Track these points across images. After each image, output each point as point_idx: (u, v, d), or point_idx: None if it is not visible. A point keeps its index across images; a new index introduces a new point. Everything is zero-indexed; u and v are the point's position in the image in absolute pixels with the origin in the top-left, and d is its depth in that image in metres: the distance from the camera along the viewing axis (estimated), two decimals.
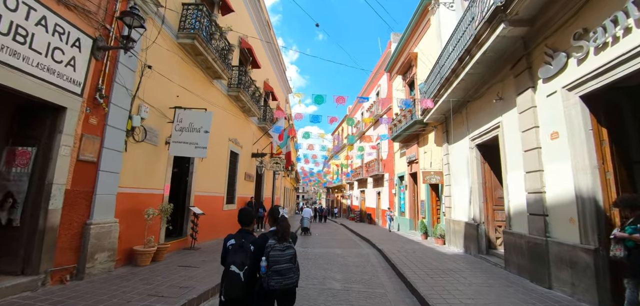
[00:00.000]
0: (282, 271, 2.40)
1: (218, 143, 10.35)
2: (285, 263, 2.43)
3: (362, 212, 24.83)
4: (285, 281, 2.40)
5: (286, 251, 2.48)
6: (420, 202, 13.25)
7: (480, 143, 8.11)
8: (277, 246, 2.48)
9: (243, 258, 2.48)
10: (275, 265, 2.41)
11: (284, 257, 2.45)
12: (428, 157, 12.32)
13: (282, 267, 2.41)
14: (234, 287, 2.41)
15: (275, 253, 2.45)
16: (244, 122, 13.14)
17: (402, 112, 13.99)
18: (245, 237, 2.61)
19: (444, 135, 10.70)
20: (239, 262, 2.45)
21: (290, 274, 2.45)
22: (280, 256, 2.44)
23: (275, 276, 2.38)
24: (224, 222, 10.75)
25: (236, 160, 12.39)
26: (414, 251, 8.98)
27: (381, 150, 20.16)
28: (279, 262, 2.42)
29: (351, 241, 12.58)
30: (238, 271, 2.42)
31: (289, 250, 2.51)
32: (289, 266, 2.46)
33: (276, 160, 14.55)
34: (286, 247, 2.51)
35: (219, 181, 10.53)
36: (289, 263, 2.46)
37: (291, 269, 2.47)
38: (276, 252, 2.45)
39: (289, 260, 2.47)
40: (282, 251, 2.46)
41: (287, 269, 2.44)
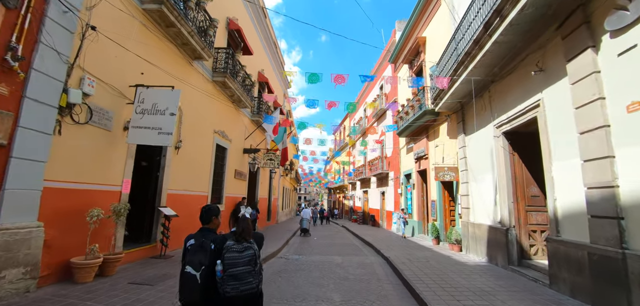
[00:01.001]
0: (239, 276, 2.12)
1: (200, 135, 9.02)
2: (243, 266, 2.14)
3: (365, 213, 23.40)
4: (243, 287, 2.11)
5: (245, 253, 2.18)
6: (430, 202, 11.83)
7: (509, 131, 6.69)
8: (234, 247, 2.18)
9: (201, 258, 2.17)
10: (232, 268, 2.12)
11: (241, 259, 2.15)
12: (440, 151, 10.90)
13: (239, 271, 2.12)
14: (188, 290, 2.10)
15: (231, 255, 2.15)
16: (234, 113, 11.81)
17: (410, 103, 12.59)
18: (206, 236, 2.32)
19: (460, 125, 9.28)
20: (196, 263, 2.14)
21: (249, 278, 2.15)
22: (237, 258, 2.15)
23: (231, 281, 2.10)
24: None
25: (224, 155, 11.06)
26: (427, 260, 7.57)
27: (385, 146, 18.75)
28: (236, 265, 2.13)
29: (353, 246, 11.18)
30: (194, 272, 2.11)
31: (247, 251, 2.20)
32: (247, 269, 2.16)
33: (270, 156, 13.22)
34: (245, 248, 2.20)
35: (201, 178, 9.19)
36: (247, 265, 2.16)
37: (250, 272, 2.16)
38: (232, 253, 2.16)
39: (248, 262, 2.17)
40: (240, 253, 2.17)
41: (245, 273, 2.14)
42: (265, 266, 7.13)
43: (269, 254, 8.11)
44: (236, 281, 2.10)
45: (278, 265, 7.30)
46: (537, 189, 6.57)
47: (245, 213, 2.41)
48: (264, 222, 17.25)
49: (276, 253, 8.74)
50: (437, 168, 9.64)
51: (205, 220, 2.46)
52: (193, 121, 8.54)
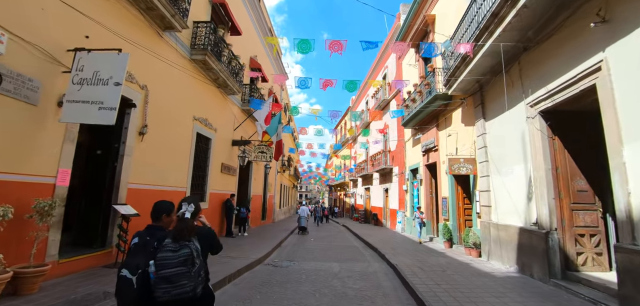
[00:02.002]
0: (171, 278, 1.75)
1: (175, 120, 7.73)
2: (176, 267, 1.77)
3: (367, 211, 22.09)
4: (176, 290, 1.75)
5: (180, 252, 1.79)
6: (441, 199, 10.50)
7: (548, 109, 5.36)
8: (169, 246, 1.80)
9: (140, 261, 1.80)
10: (163, 269, 1.76)
11: (175, 259, 1.77)
12: (452, 141, 9.56)
13: (171, 272, 1.75)
14: (122, 298, 1.76)
15: (164, 254, 1.77)
16: (220, 100, 10.51)
17: (417, 88, 11.23)
18: (153, 234, 1.95)
19: (478, 109, 7.94)
20: (133, 265, 1.77)
21: (183, 281, 1.77)
22: (170, 258, 1.77)
23: (162, 283, 1.74)
24: None
25: (208, 146, 9.77)
26: (443, 269, 6.26)
27: (389, 139, 17.41)
28: (168, 266, 1.76)
29: (353, 249, 9.87)
30: (130, 276, 1.75)
31: (183, 250, 1.80)
32: (181, 270, 1.78)
33: (261, 149, 11.92)
34: (181, 246, 1.81)
35: (177, 171, 7.91)
36: (181, 266, 1.78)
37: (185, 274, 1.78)
38: (166, 253, 1.78)
39: (183, 262, 1.79)
40: (174, 252, 1.79)
41: (178, 274, 1.77)
42: (246, 277, 5.84)
43: (253, 261, 6.83)
44: (168, 284, 1.76)
45: (262, 275, 6.01)
46: (585, 182, 5.24)
47: (186, 213, 1.98)
48: (257, 221, 15.99)
49: (263, 259, 7.46)
50: (452, 160, 8.30)
51: (153, 217, 2.13)
52: (165, 103, 7.25)
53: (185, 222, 1.93)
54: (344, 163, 29.26)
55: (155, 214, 2.12)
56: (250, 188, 14.51)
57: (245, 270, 6.22)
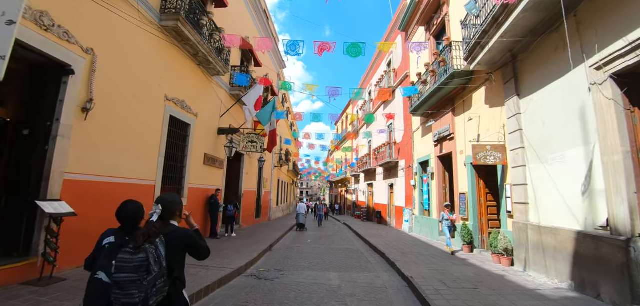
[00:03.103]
0: (122, 284, 1.56)
1: (139, 98, 6.31)
2: (128, 273, 1.57)
3: (369, 209, 20.68)
4: (125, 299, 1.55)
5: (136, 256, 1.60)
6: (457, 196, 9.05)
7: (626, 70, 3.90)
8: (129, 248, 1.62)
9: None
10: (118, 272, 1.58)
11: (131, 263, 1.58)
12: (473, 127, 8.11)
13: (123, 277, 1.56)
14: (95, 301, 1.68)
15: (122, 255, 1.61)
16: (202, 81, 9.08)
17: (429, 68, 9.76)
18: (132, 235, 1.79)
19: (510, 84, 6.49)
20: (110, 268, 1.66)
21: (132, 290, 1.56)
22: (127, 261, 1.59)
23: (114, 288, 1.58)
24: None
25: (186, 133, 8.36)
26: (474, 285, 4.83)
27: (394, 130, 15.95)
28: (122, 269, 1.58)
29: (356, 254, 8.45)
30: (106, 279, 1.70)
31: (139, 255, 1.61)
32: (132, 277, 1.56)
33: (251, 138, 10.49)
34: (140, 251, 1.61)
35: (142, 160, 6.51)
36: (133, 273, 1.57)
37: (135, 282, 1.57)
38: (124, 255, 1.61)
39: (135, 269, 1.58)
40: (132, 255, 1.60)
41: (129, 282, 1.56)
42: (216, 297, 4.44)
43: (231, 271, 5.43)
44: (118, 289, 1.56)
45: (237, 294, 4.61)
46: None
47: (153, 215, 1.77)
48: (250, 220, 14.62)
49: (246, 268, 6.06)
50: (476, 148, 6.84)
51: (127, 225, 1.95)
52: (123, 76, 5.84)
53: (147, 226, 1.73)
54: (345, 156, 27.80)
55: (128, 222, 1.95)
56: (241, 183, 13.11)
57: (217, 285, 4.82)
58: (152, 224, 1.73)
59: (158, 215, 1.79)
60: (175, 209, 1.90)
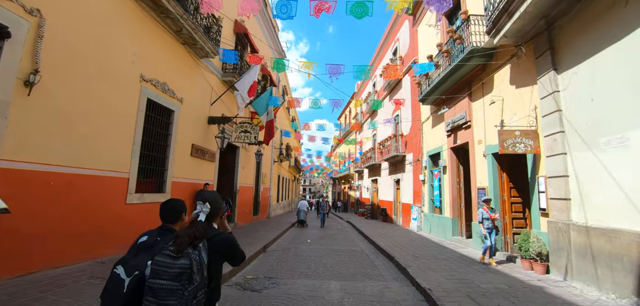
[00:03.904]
0: (158, 292, 1.35)
1: (106, 76, 5.37)
2: (167, 280, 1.35)
3: (374, 206, 19.71)
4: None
5: (177, 262, 1.38)
6: (474, 191, 8.04)
7: None
8: (169, 250, 1.41)
9: (140, 262, 1.48)
10: (155, 277, 1.37)
11: (170, 269, 1.36)
12: (495, 111, 7.08)
13: (160, 284, 1.35)
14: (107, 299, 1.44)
15: (162, 258, 1.40)
16: (189, 64, 8.13)
17: (442, 49, 8.71)
18: (164, 236, 1.66)
19: (545, 57, 5.45)
20: (131, 265, 1.47)
21: (171, 300, 1.34)
22: (166, 265, 1.37)
23: (149, 295, 1.37)
24: (132, 226, 5.84)
25: (169, 120, 7.43)
26: (511, 303, 3.84)
27: (401, 121, 14.91)
28: (160, 275, 1.36)
29: (360, 256, 7.49)
30: (124, 276, 1.44)
31: (181, 261, 1.38)
32: (171, 286, 1.35)
33: (244, 128, 9.52)
34: (180, 255, 1.39)
35: (110, 149, 5.58)
36: (173, 281, 1.36)
37: (175, 292, 1.35)
38: (164, 258, 1.39)
39: (175, 277, 1.36)
40: (173, 260, 1.38)
41: (167, 290, 1.35)
42: None
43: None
44: (154, 297, 1.35)
45: None
46: None
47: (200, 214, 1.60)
48: (247, 217, 13.72)
49: (230, 276, 5.13)
50: (503, 134, 5.82)
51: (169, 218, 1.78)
52: (84, 47, 4.90)
53: (194, 227, 1.52)
54: (349, 150, 26.79)
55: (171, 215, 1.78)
56: (236, 178, 12.20)
57: None
58: (200, 225, 1.54)
59: (205, 214, 1.60)
60: (219, 209, 1.73)
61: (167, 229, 1.73)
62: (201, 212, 1.59)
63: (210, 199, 1.65)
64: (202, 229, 1.52)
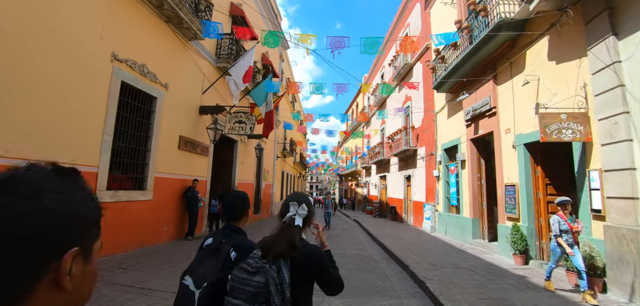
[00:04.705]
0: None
1: (63, 48, 4.51)
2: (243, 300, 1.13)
3: (382, 204, 18.68)
4: None
5: (252, 278, 1.15)
6: (500, 188, 6.96)
7: None
8: (247, 265, 1.19)
9: (208, 270, 1.30)
10: (231, 296, 1.17)
11: (247, 286, 1.14)
12: (528, 94, 5.99)
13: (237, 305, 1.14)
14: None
15: (239, 274, 1.18)
16: (174, 45, 7.24)
17: (461, 26, 7.61)
18: (229, 237, 1.47)
19: (599, 21, 4.37)
20: (198, 273, 1.29)
21: None
22: (244, 282, 1.16)
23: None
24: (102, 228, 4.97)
25: (151, 108, 6.58)
26: None
27: (412, 113, 13.81)
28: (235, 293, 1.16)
29: (369, 263, 6.50)
30: (193, 288, 1.26)
31: (256, 278, 1.15)
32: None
33: (239, 118, 8.60)
34: (258, 270, 1.16)
35: (76, 137, 4.75)
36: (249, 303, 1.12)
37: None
38: (241, 274, 1.18)
39: (252, 297, 1.13)
40: (250, 275, 1.16)
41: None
42: None
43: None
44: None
45: None
46: None
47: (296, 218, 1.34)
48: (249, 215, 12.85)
49: None
50: (546, 118, 4.74)
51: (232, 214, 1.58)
52: (35, 15, 4.05)
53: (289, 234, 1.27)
54: (356, 145, 25.75)
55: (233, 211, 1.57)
56: (234, 174, 11.35)
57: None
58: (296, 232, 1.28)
59: (302, 219, 1.34)
60: (313, 215, 1.43)
61: (232, 228, 1.54)
62: (297, 215, 1.35)
63: (306, 201, 1.41)
64: (294, 239, 1.24)
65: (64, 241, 0.40)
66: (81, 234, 0.43)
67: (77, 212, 0.43)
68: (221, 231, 1.52)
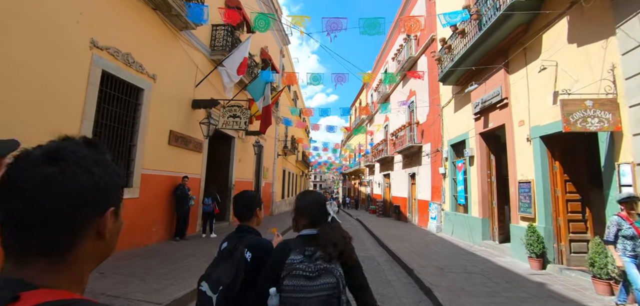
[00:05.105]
0: None
1: (36, 30, 4.10)
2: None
3: (386, 203, 18.17)
4: None
5: (318, 281, 1.08)
6: (513, 185, 6.42)
7: None
8: (300, 268, 1.10)
9: (223, 273, 1.28)
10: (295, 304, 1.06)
11: (312, 293, 1.06)
12: (545, 81, 5.46)
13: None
14: None
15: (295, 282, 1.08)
16: (163, 34, 6.83)
17: (471, 10, 7.07)
18: (242, 238, 1.45)
19: None
20: (214, 278, 1.28)
21: None
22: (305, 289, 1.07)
23: None
24: None
25: (137, 100, 6.17)
26: None
27: (416, 108, 13.28)
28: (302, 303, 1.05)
29: (370, 266, 6.02)
30: (210, 294, 1.26)
31: (323, 279, 1.08)
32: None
33: (233, 112, 8.16)
34: (320, 272, 1.09)
35: (48, 128, 4.34)
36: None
37: None
38: (297, 280, 1.08)
39: (325, 301, 1.06)
40: (310, 280, 1.07)
41: None
42: None
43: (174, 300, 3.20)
44: None
45: None
46: None
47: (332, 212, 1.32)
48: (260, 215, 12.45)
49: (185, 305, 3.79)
50: (569, 104, 4.21)
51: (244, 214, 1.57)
52: None
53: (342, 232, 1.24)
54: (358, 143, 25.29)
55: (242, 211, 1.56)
56: (231, 172, 10.94)
57: None
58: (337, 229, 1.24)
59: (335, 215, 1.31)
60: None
61: (245, 229, 1.52)
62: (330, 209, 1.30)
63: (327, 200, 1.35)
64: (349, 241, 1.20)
65: (105, 201, 0.51)
66: (116, 196, 0.54)
67: (113, 178, 0.53)
68: (235, 232, 1.51)
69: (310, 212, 1.32)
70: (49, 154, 0.46)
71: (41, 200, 0.43)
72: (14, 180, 0.43)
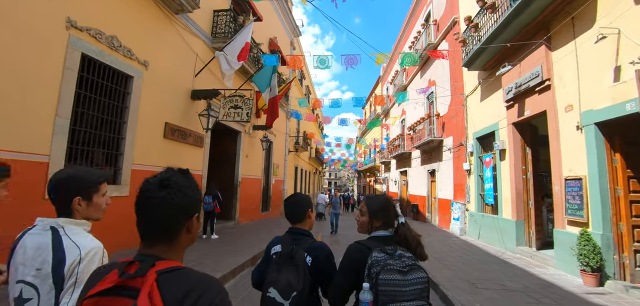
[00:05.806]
0: None
1: None
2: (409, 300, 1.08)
3: (403, 201, 17.17)
4: None
5: (410, 276, 1.11)
6: (561, 182, 5.38)
7: None
8: (391, 265, 1.12)
9: (292, 279, 1.30)
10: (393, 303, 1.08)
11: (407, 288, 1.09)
12: (603, 54, 4.43)
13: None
14: None
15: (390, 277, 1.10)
16: (156, 17, 6.24)
17: None
18: (299, 241, 1.44)
19: None
20: (283, 284, 1.29)
21: None
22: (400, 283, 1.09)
23: None
24: None
25: (126, 89, 5.60)
26: None
27: (435, 101, 12.22)
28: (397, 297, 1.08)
29: None
30: (281, 300, 1.28)
31: (416, 274, 1.13)
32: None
33: (234, 102, 7.49)
34: (410, 268, 1.13)
35: (19, 120, 3.82)
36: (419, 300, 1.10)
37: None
38: (393, 276, 1.10)
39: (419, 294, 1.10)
40: (404, 275, 1.11)
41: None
42: None
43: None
44: None
45: None
46: None
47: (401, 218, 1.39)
48: (255, 214, 11.94)
49: None
50: None
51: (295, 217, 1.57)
52: None
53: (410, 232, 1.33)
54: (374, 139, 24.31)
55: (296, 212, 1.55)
56: (237, 169, 10.37)
57: None
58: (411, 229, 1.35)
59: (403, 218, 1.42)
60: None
61: (298, 231, 1.51)
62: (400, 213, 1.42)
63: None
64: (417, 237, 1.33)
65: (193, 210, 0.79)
66: (198, 206, 0.82)
67: (196, 194, 0.81)
68: (287, 235, 1.50)
69: (382, 215, 1.40)
70: (162, 183, 0.73)
71: (159, 212, 0.72)
72: (144, 199, 0.73)
